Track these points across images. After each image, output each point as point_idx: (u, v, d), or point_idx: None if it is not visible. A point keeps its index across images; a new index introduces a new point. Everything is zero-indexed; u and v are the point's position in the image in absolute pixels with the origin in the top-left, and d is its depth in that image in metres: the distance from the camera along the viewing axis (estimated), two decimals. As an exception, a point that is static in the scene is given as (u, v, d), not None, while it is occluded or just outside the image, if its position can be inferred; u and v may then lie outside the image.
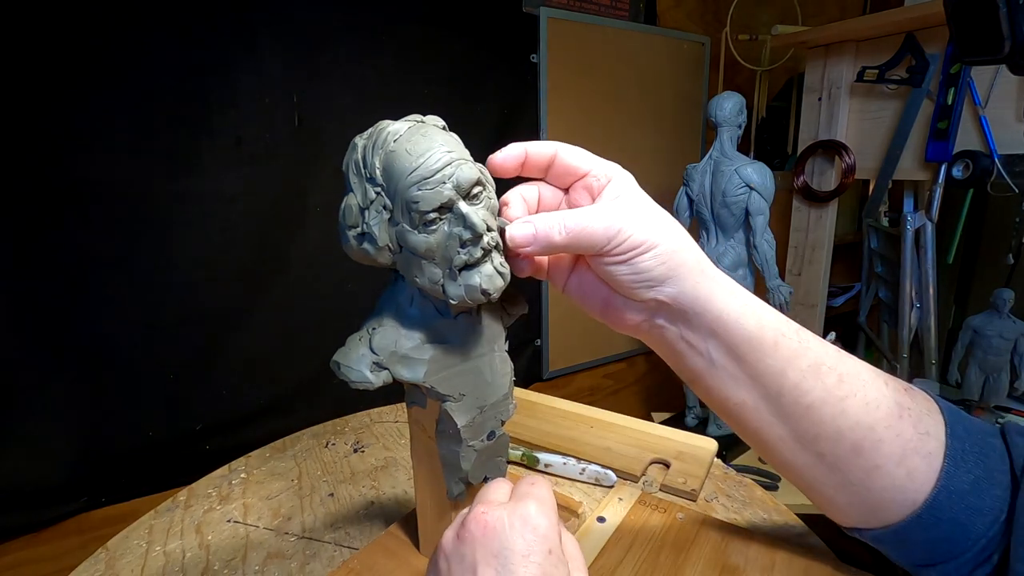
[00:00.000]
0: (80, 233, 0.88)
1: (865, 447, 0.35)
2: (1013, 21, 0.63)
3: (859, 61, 1.36)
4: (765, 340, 0.34)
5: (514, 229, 0.33)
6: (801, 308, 1.56)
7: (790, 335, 0.35)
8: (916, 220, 1.32)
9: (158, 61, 0.89)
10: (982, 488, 0.34)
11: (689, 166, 1.33)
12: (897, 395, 0.36)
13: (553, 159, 0.35)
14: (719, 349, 0.35)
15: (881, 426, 0.34)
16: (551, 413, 0.76)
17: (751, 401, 0.36)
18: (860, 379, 0.35)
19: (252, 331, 1.05)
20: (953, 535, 0.34)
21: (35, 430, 0.89)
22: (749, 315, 0.34)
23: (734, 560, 0.47)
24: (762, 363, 0.35)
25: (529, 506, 0.29)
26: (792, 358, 0.35)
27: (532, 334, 1.52)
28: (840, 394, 0.35)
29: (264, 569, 0.50)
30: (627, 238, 0.32)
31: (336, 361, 0.36)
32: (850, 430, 0.35)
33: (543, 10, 1.32)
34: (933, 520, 0.34)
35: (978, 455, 0.35)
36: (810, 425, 0.35)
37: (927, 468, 0.35)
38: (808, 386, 0.35)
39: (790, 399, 0.35)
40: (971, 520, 0.34)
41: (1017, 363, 1.33)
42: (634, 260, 0.33)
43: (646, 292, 0.34)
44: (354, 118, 1.08)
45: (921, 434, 0.35)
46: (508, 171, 0.35)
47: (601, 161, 0.36)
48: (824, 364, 0.35)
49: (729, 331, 0.34)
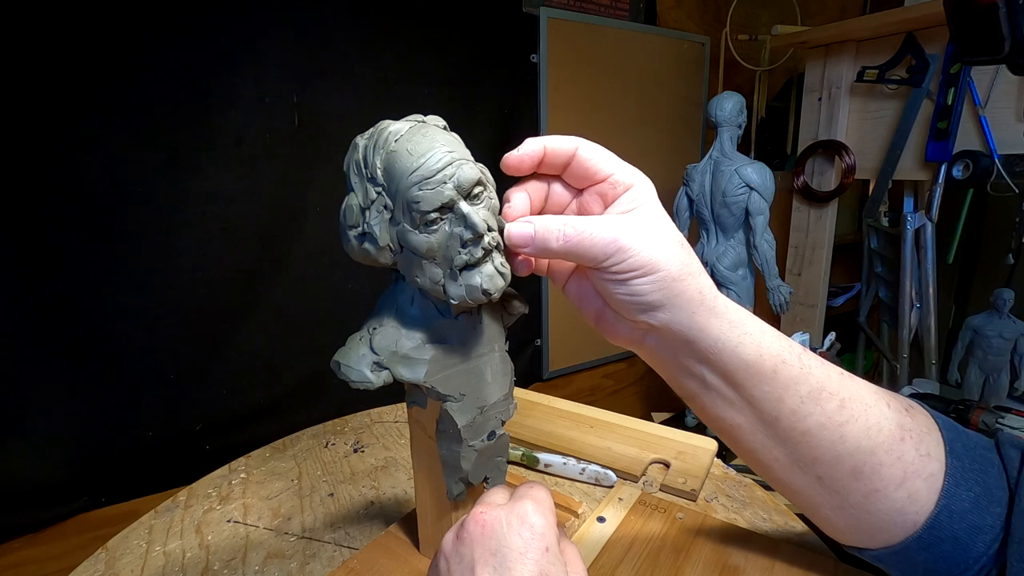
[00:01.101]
0: (80, 233, 0.88)
1: (865, 471, 0.34)
2: (1013, 21, 0.63)
3: (859, 61, 1.37)
4: (763, 368, 0.33)
5: (513, 228, 0.33)
6: (801, 308, 1.56)
7: (791, 361, 0.34)
8: (916, 220, 1.32)
9: (158, 61, 0.89)
10: (982, 506, 0.34)
11: (689, 166, 1.34)
12: (899, 416, 0.35)
13: (573, 156, 0.33)
14: (713, 374, 0.34)
15: (882, 450, 0.34)
16: (551, 413, 0.76)
17: (746, 424, 0.35)
18: (863, 403, 0.34)
19: (252, 331, 1.06)
20: (954, 554, 0.34)
21: (35, 430, 0.89)
22: (748, 344, 0.33)
23: (734, 560, 0.47)
24: (758, 389, 0.34)
25: (526, 506, 0.30)
26: (791, 385, 0.34)
27: (532, 334, 1.52)
28: (840, 419, 0.34)
29: (264, 569, 0.50)
30: (627, 259, 0.31)
31: (336, 361, 0.36)
32: (849, 455, 0.34)
33: (543, 10, 1.32)
34: (934, 540, 0.34)
35: (977, 472, 0.35)
36: (808, 449, 0.35)
37: (928, 489, 0.34)
38: (806, 411, 0.34)
39: (787, 424, 0.34)
40: (972, 538, 0.34)
41: (1017, 363, 1.33)
42: (631, 282, 0.31)
43: (638, 315, 0.33)
44: (354, 118, 1.08)
45: (922, 456, 0.34)
46: (524, 170, 0.34)
47: (624, 166, 0.33)
48: (825, 390, 0.34)
49: (724, 360, 0.33)
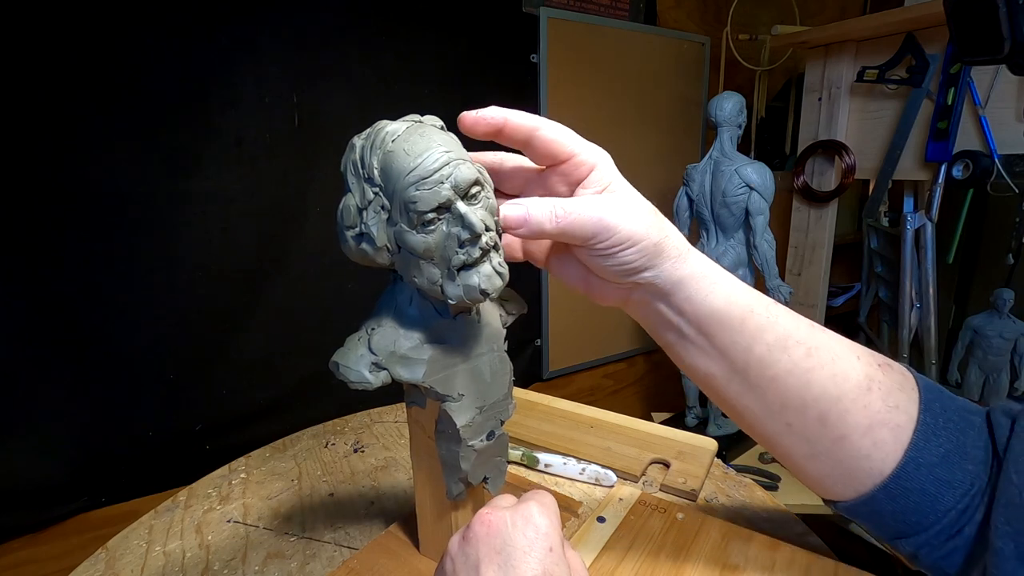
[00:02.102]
0: (80, 233, 0.88)
1: (831, 418, 0.36)
2: (1013, 21, 0.63)
3: (859, 61, 1.36)
4: (732, 316, 0.35)
5: (507, 209, 0.34)
6: (801, 308, 1.56)
7: (759, 311, 0.36)
8: (916, 220, 1.32)
9: (158, 61, 0.90)
10: (952, 461, 0.35)
11: (689, 166, 1.33)
12: (868, 368, 0.37)
13: (532, 133, 0.34)
14: (688, 324, 0.37)
15: (847, 398, 0.35)
16: (551, 413, 0.76)
17: (720, 373, 0.38)
18: (830, 352, 0.36)
19: (252, 331, 1.06)
20: (922, 506, 0.35)
21: (35, 430, 0.89)
22: (718, 293, 0.35)
23: (734, 560, 0.47)
24: (728, 338, 0.36)
25: (531, 507, 0.31)
26: (758, 333, 0.36)
27: (532, 334, 1.52)
28: (807, 366, 0.36)
29: (264, 569, 0.50)
30: (614, 234, 0.33)
31: (335, 361, 0.36)
32: (815, 401, 0.36)
33: (543, 10, 1.32)
34: (900, 490, 0.35)
35: (952, 430, 0.36)
36: (776, 396, 0.36)
37: (894, 440, 0.35)
38: (774, 359, 0.36)
39: (756, 371, 0.36)
40: (940, 492, 0.35)
41: (1017, 363, 1.33)
42: (618, 255, 0.34)
43: (625, 279, 0.35)
44: (354, 118, 1.08)
45: (890, 407, 0.36)
46: (477, 133, 0.34)
47: (586, 145, 0.35)
48: (792, 337, 0.36)
49: (696, 308, 0.36)
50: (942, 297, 1.45)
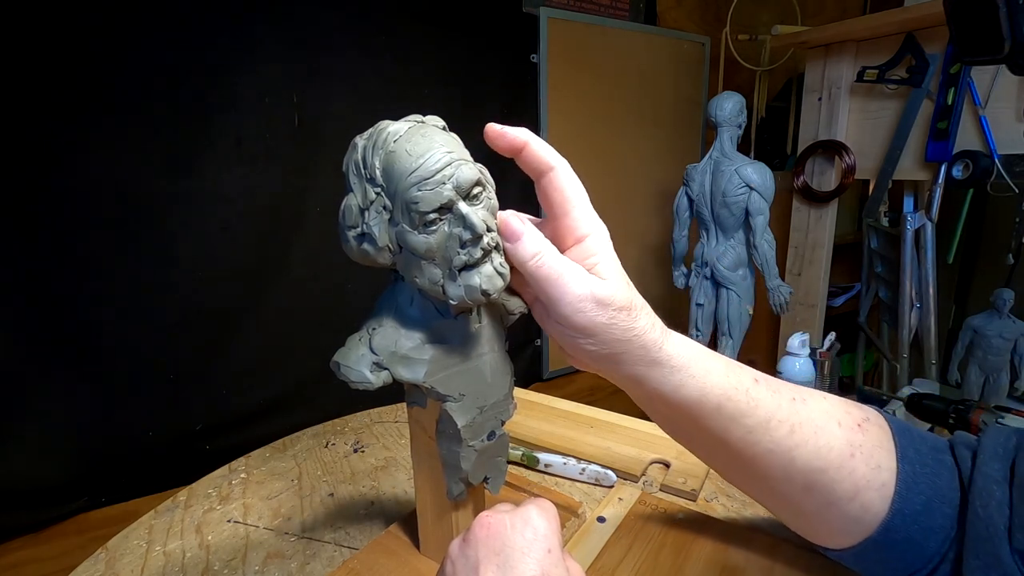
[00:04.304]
0: (80, 233, 0.88)
1: (817, 488, 0.35)
2: (1013, 21, 0.63)
3: (859, 61, 1.37)
4: (706, 406, 0.34)
5: (509, 219, 0.34)
6: (801, 308, 1.56)
7: (737, 397, 0.34)
8: (916, 220, 1.32)
9: (158, 61, 0.90)
10: (933, 507, 0.35)
11: (689, 166, 1.33)
12: (849, 435, 0.36)
13: (547, 171, 0.33)
14: (662, 404, 0.36)
15: (832, 468, 0.35)
16: (551, 413, 0.76)
17: (699, 449, 0.38)
18: (812, 427, 0.35)
19: (252, 331, 1.06)
20: (910, 553, 0.35)
21: (35, 430, 0.89)
22: (690, 386, 0.34)
23: (734, 560, 0.47)
24: (703, 422, 0.35)
25: (530, 510, 0.31)
26: (737, 417, 0.34)
27: (532, 334, 1.52)
28: (790, 444, 0.35)
29: (264, 569, 0.50)
30: (578, 321, 0.31)
31: (336, 361, 0.36)
32: (801, 474, 0.35)
33: (543, 10, 1.32)
34: (889, 542, 0.35)
35: (928, 476, 0.36)
36: (758, 469, 0.36)
37: (881, 499, 0.35)
38: (754, 440, 0.35)
39: (735, 450, 0.35)
40: (925, 539, 0.35)
41: (1017, 363, 1.33)
42: (576, 338, 0.32)
43: (577, 363, 0.35)
44: (354, 118, 1.08)
45: (873, 469, 0.35)
46: (497, 146, 0.34)
47: (589, 212, 0.34)
48: (774, 418, 0.35)
49: (666, 399, 0.34)
50: (942, 297, 1.46)
